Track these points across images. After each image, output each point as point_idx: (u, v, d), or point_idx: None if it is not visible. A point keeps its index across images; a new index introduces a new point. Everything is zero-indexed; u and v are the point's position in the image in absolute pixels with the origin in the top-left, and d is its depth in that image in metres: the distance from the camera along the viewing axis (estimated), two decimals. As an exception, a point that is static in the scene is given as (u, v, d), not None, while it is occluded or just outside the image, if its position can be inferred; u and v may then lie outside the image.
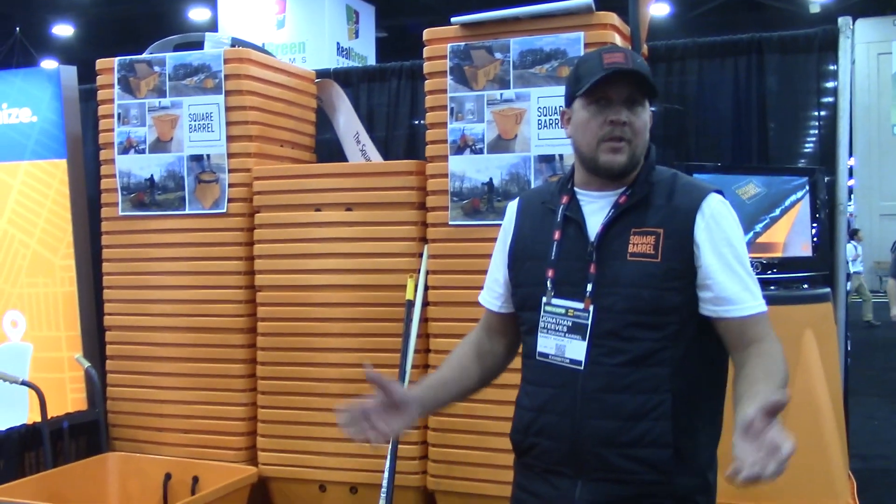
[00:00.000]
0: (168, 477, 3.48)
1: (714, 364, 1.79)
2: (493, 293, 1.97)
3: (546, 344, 1.78)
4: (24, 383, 3.51)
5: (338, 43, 7.41)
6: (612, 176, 1.77)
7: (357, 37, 7.71)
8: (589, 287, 1.74)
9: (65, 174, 4.04)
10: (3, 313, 4.14)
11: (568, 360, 1.74)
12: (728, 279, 1.71)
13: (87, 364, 3.70)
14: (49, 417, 3.51)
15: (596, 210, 1.79)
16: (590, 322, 1.73)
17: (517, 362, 1.93)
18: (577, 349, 1.74)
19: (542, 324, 1.79)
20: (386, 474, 3.12)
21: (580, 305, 1.74)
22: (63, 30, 14.19)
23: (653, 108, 1.82)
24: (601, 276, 1.74)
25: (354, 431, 1.69)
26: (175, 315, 3.63)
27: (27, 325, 4.10)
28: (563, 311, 1.76)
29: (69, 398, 3.99)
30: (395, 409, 1.73)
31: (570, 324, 1.75)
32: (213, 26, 8.10)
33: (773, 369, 1.65)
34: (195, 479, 3.43)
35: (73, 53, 12.96)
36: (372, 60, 7.78)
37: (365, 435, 1.68)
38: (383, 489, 3.11)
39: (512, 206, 1.96)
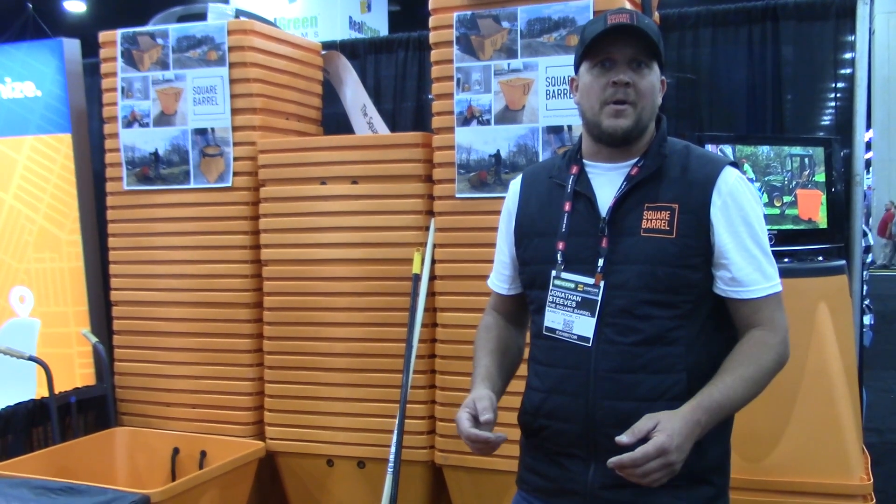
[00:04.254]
0: (176, 451, 3.49)
1: (727, 342, 1.75)
2: (500, 276, 1.93)
3: (553, 319, 1.74)
4: (31, 358, 3.50)
5: (350, 17, 7.33)
6: (617, 142, 1.72)
7: (369, 11, 7.63)
8: (600, 262, 1.69)
9: (70, 149, 4.02)
10: (11, 289, 4.14)
11: (576, 337, 1.70)
12: (742, 260, 1.67)
13: (94, 339, 3.70)
14: (57, 392, 3.50)
15: (606, 183, 1.74)
16: (600, 299, 1.68)
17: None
18: (585, 325, 1.70)
19: (550, 298, 1.74)
20: (393, 449, 3.10)
21: (590, 281, 1.69)
22: (75, 6, 14.16)
23: (669, 81, 1.76)
24: (613, 252, 1.69)
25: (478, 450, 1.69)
26: (181, 290, 3.61)
27: (34, 300, 4.10)
28: (572, 285, 1.72)
29: (77, 373, 3.99)
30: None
31: (578, 299, 1.71)
32: (225, 2, 8.02)
33: (755, 357, 1.66)
34: (203, 454, 3.43)
35: (85, 30, 12.85)
36: (385, 34, 7.69)
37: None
38: (391, 464, 3.09)
39: (515, 184, 1.91)
